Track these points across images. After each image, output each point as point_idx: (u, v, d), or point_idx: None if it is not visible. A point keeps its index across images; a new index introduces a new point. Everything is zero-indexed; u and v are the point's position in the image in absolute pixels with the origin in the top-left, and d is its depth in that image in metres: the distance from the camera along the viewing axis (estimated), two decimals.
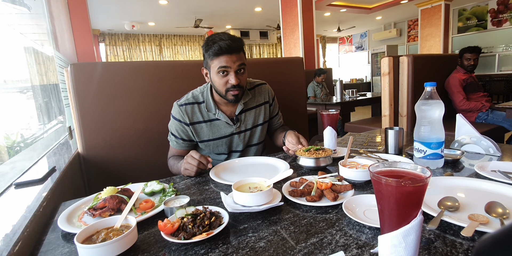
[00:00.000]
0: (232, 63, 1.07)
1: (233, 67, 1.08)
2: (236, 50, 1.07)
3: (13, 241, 0.56)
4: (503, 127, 2.48)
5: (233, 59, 1.07)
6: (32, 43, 1.87)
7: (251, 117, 1.26)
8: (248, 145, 1.30)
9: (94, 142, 1.35)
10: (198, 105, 1.20)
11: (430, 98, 0.88)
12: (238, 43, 1.08)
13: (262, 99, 1.30)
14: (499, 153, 1.02)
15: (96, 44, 8.05)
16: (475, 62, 2.63)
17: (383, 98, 2.27)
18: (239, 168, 1.08)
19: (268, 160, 1.12)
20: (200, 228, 0.59)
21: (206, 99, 1.20)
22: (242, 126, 1.25)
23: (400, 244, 0.40)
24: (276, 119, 1.39)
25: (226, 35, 1.07)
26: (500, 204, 0.60)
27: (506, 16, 6.79)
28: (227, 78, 1.10)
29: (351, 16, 8.08)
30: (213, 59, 1.08)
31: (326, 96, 4.62)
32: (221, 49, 1.05)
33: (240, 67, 1.09)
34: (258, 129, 1.29)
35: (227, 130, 1.22)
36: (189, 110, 1.19)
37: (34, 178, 0.91)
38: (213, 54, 1.07)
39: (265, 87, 1.32)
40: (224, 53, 1.06)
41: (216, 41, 1.05)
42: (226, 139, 1.23)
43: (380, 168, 0.49)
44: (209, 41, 1.08)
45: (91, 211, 0.71)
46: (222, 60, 1.07)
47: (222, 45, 1.04)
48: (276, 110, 1.38)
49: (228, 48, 1.05)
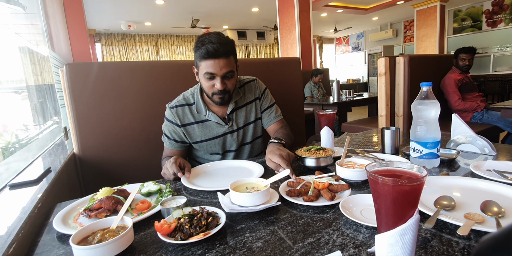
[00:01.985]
0: (218, 69, 1.04)
1: (219, 74, 1.05)
2: (224, 54, 1.03)
3: (8, 243, 0.55)
4: (498, 127, 2.51)
5: (220, 64, 1.04)
6: (27, 43, 1.85)
7: (242, 115, 1.25)
8: (242, 144, 1.29)
9: (89, 143, 1.34)
10: (189, 107, 1.19)
11: (426, 98, 0.89)
12: (227, 47, 1.03)
13: (252, 96, 1.27)
14: (494, 152, 1.03)
15: (92, 44, 8.00)
16: (470, 62, 2.65)
17: (379, 98, 2.28)
18: (212, 172, 1.04)
19: (242, 163, 1.10)
20: (197, 229, 0.59)
21: (196, 101, 1.20)
22: (234, 125, 1.24)
23: (397, 243, 0.41)
24: (268, 113, 1.29)
25: (215, 37, 1.03)
26: (495, 203, 0.61)
27: (501, 17, 6.86)
28: (213, 82, 1.08)
29: (347, 17, 8.11)
30: (201, 61, 1.06)
31: (323, 96, 4.63)
32: (207, 53, 1.02)
33: (227, 74, 1.07)
34: (250, 127, 1.27)
35: (219, 130, 1.22)
36: (180, 112, 1.18)
37: (29, 179, 0.90)
38: (200, 57, 1.04)
39: (254, 83, 1.29)
40: (210, 57, 1.03)
41: (205, 44, 1.02)
42: (218, 139, 1.22)
43: (376, 167, 0.49)
44: (199, 42, 1.05)
45: (87, 212, 0.71)
46: (208, 65, 1.04)
47: (210, 48, 1.01)
48: (267, 103, 1.29)
49: (215, 52, 1.01)
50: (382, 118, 2.30)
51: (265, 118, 1.30)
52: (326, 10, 6.71)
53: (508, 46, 6.87)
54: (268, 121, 1.30)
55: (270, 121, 1.30)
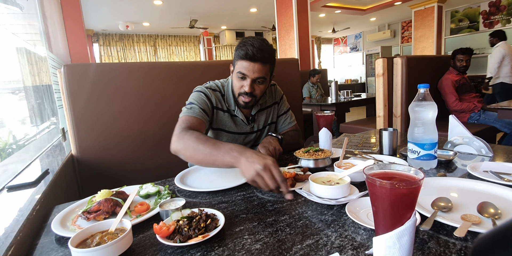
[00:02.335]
0: (251, 72, 1.06)
1: (250, 76, 1.07)
2: (261, 60, 1.04)
3: (6, 246, 0.55)
4: (495, 128, 2.52)
5: (254, 68, 1.05)
6: (24, 44, 1.85)
7: (263, 118, 1.27)
8: (254, 145, 1.30)
9: (88, 144, 1.34)
10: (221, 94, 1.19)
11: (423, 99, 0.90)
12: (266, 54, 1.04)
13: (271, 100, 1.30)
14: (491, 153, 1.03)
15: (90, 44, 7.97)
16: (467, 63, 2.67)
17: (377, 99, 2.29)
18: (208, 173, 1.01)
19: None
20: (196, 231, 0.58)
21: (226, 93, 1.20)
22: (255, 127, 1.25)
23: (395, 245, 0.41)
24: (284, 118, 1.34)
25: (258, 42, 1.04)
26: (492, 204, 0.61)
27: (498, 18, 6.90)
28: (243, 83, 1.09)
29: (345, 17, 8.14)
30: (238, 60, 1.07)
31: (321, 97, 4.64)
32: (246, 55, 1.03)
33: (258, 79, 1.08)
34: (266, 129, 1.30)
35: (242, 128, 1.23)
36: (214, 95, 1.16)
37: (27, 181, 0.90)
38: (238, 56, 1.06)
39: (275, 88, 1.34)
40: (247, 59, 1.04)
41: (246, 45, 1.03)
42: (240, 136, 1.23)
43: (374, 170, 0.49)
44: (241, 42, 1.07)
45: (85, 214, 0.70)
46: (244, 66, 1.06)
47: (249, 51, 1.02)
48: (283, 109, 1.34)
49: (253, 55, 1.03)
50: (380, 119, 2.31)
51: (280, 123, 1.35)
52: (324, 10, 6.72)
53: None
54: (283, 126, 1.35)
55: (285, 126, 1.35)
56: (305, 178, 0.85)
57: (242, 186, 0.88)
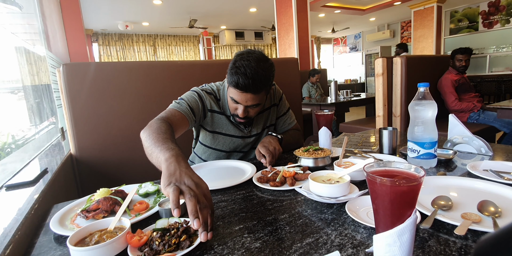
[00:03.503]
0: (244, 101, 1.03)
1: (243, 104, 1.04)
2: (253, 91, 1.00)
3: (4, 244, 0.55)
4: (494, 127, 2.52)
5: (247, 97, 1.01)
6: (23, 43, 1.84)
7: (261, 121, 1.24)
8: (252, 147, 1.28)
9: (87, 143, 1.33)
10: (215, 99, 1.17)
11: (423, 98, 0.89)
12: (259, 84, 0.98)
13: (270, 102, 1.27)
14: (490, 152, 1.03)
15: (89, 44, 7.96)
16: (466, 63, 2.67)
17: (377, 98, 2.29)
18: (204, 172, 1.02)
19: (233, 163, 1.10)
20: (165, 247, 0.54)
21: (222, 99, 1.17)
22: (253, 130, 1.23)
23: (395, 243, 0.41)
24: (284, 120, 1.31)
25: (253, 69, 0.96)
26: (492, 202, 0.61)
27: (497, 18, 6.91)
28: (237, 106, 1.06)
29: (345, 17, 8.14)
30: (230, 85, 1.02)
31: (320, 97, 4.64)
32: (237, 85, 0.98)
33: (251, 106, 1.05)
34: (265, 132, 1.27)
35: (238, 132, 1.20)
36: (209, 98, 1.14)
37: (26, 180, 0.90)
38: (230, 83, 1.01)
39: (274, 87, 1.30)
40: (239, 89, 0.99)
41: (239, 73, 0.97)
42: (241, 139, 1.21)
43: (374, 168, 0.49)
44: (234, 67, 0.99)
45: (84, 213, 0.70)
46: (236, 94, 1.02)
47: (241, 81, 0.97)
48: (283, 110, 1.31)
49: (244, 86, 0.98)
50: (379, 119, 2.31)
51: (280, 124, 1.32)
52: (323, 10, 6.72)
53: (504, 47, 6.93)
54: (283, 127, 1.32)
55: (285, 127, 1.33)
56: (305, 177, 0.85)
57: (242, 185, 0.88)
